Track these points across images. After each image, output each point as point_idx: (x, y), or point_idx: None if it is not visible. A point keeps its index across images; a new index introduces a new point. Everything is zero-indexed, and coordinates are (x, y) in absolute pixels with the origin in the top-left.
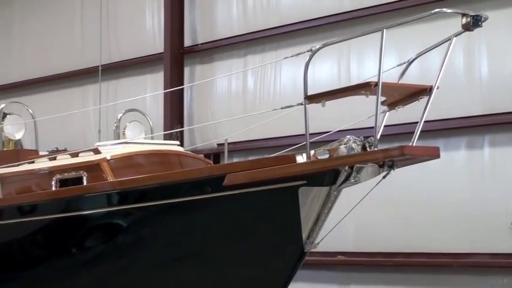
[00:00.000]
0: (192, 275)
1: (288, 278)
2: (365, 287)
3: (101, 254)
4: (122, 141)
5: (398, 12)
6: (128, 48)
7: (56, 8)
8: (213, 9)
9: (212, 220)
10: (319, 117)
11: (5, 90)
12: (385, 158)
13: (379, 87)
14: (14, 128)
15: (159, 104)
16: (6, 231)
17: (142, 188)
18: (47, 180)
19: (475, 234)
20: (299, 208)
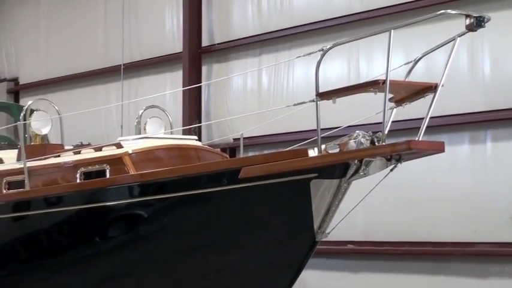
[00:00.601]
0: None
1: (301, 266)
2: (373, 274)
3: (122, 243)
4: (142, 136)
5: (405, 13)
6: (149, 48)
7: (81, 10)
8: (229, 11)
9: (228, 211)
10: (330, 113)
11: (33, 88)
12: (392, 152)
13: (387, 85)
14: (40, 123)
15: (178, 101)
16: (33, 222)
17: (162, 181)
18: (71, 173)
19: (477, 224)
20: (311, 199)
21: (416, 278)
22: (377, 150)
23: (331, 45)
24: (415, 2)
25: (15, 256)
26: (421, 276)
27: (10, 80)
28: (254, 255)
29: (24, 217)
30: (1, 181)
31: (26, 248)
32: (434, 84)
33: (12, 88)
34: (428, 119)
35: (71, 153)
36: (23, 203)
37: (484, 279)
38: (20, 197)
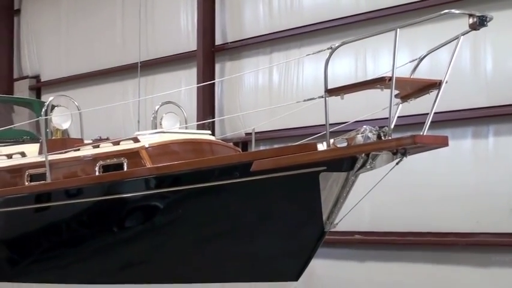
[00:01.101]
0: (222, 252)
1: (310, 255)
2: (380, 263)
3: (139, 233)
4: (158, 131)
5: (410, 13)
6: (164, 46)
7: (99, 10)
8: (241, 11)
9: (240, 202)
10: (338, 109)
11: (54, 85)
12: (398, 146)
13: (393, 81)
14: (61, 118)
15: (192, 97)
16: (54, 212)
17: (177, 173)
18: (91, 166)
19: (480, 215)
20: (320, 192)
21: (420, 266)
22: (383, 145)
23: (339, 44)
24: (420, 2)
25: (37, 245)
26: (424, 265)
27: (32, 77)
28: (266, 245)
29: (46, 208)
30: (24, 174)
31: (48, 238)
32: (438, 81)
33: (34, 85)
34: (433, 114)
35: (90, 147)
36: (44, 194)
37: (485, 268)
38: (42, 188)
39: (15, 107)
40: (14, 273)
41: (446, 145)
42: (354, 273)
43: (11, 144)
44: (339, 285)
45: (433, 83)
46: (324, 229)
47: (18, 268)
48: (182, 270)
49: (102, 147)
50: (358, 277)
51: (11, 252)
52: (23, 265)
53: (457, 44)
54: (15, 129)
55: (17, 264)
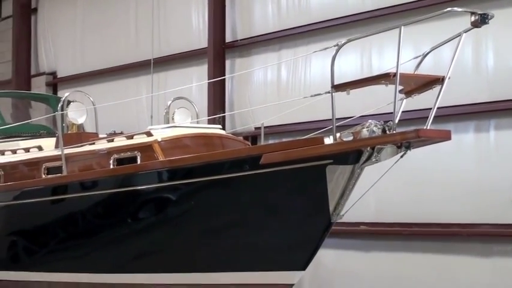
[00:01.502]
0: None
1: (317, 245)
2: (384, 253)
3: (152, 224)
4: (171, 125)
5: (414, 11)
6: (176, 43)
7: (114, 8)
8: (250, 9)
9: (250, 194)
10: (344, 104)
11: (70, 81)
12: (402, 139)
13: (397, 77)
14: (77, 113)
15: (203, 92)
16: (70, 204)
17: (189, 166)
18: (105, 160)
19: (481, 206)
20: (326, 184)
21: (423, 256)
22: (388, 138)
23: (345, 41)
24: (423, 0)
25: (54, 235)
26: (428, 255)
27: (49, 74)
28: (274, 236)
29: (62, 200)
30: (41, 167)
31: (64, 228)
32: (441, 76)
33: (50, 81)
34: (436, 109)
35: (105, 141)
36: (60, 187)
37: (486, 258)
38: (58, 181)
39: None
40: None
41: (449, 139)
42: (360, 263)
43: (29, 138)
44: (345, 275)
45: (436, 79)
46: (331, 220)
47: (35, 258)
48: (193, 259)
49: (116, 141)
50: (363, 267)
51: (28, 243)
52: (40, 255)
53: (459, 41)
54: (32, 124)
55: (34, 254)
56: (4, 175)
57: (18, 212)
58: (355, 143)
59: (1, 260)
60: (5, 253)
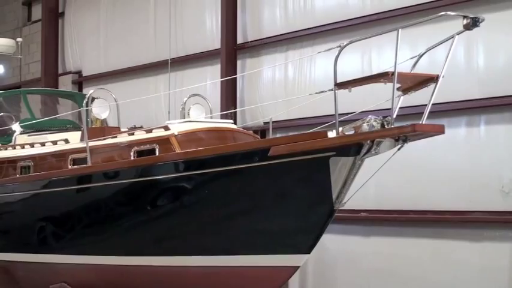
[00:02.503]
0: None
1: (321, 231)
2: (383, 238)
3: (169, 211)
4: (187, 120)
5: (410, 15)
6: (192, 45)
7: (134, 12)
8: (260, 13)
9: (259, 184)
10: (346, 100)
11: (94, 79)
12: (399, 133)
13: (395, 76)
14: (100, 109)
15: (217, 90)
16: (94, 193)
17: (203, 158)
18: (126, 152)
19: (473, 195)
20: (330, 174)
21: (419, 241)
22: (386, 132)
23: (347, 42)
24: (420, 5)
25: (79, 221)
26: (423, 240)
27: (75, 73)
28: (281, 222)
29: (87, 189)
30: (67, 158)
31: (88, 215)
32: (435, 75)
33: (76, 79)
34: (431, 105)
35: (126, 135)
36: (85, 176)
37: (477, 243)
38: (83, 171)
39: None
40: (59, 247)
41: (443, 133)
42: (360, 246)
43: (56, 132)
44: (347, 258)
45: (431, 77)
46: (334, 207)
47: (62, 242)
48: (207, 243)
49: (136, 134)
50: (364, 250)
51: (55, 228)
52: (66, 239)
53: (452, 43)
54: (59, 119)
55: (61, 239)
56: (34, 166)
57: (47, 200)
58: (356, 136)
59: (30, 244)
60: (34, 238)
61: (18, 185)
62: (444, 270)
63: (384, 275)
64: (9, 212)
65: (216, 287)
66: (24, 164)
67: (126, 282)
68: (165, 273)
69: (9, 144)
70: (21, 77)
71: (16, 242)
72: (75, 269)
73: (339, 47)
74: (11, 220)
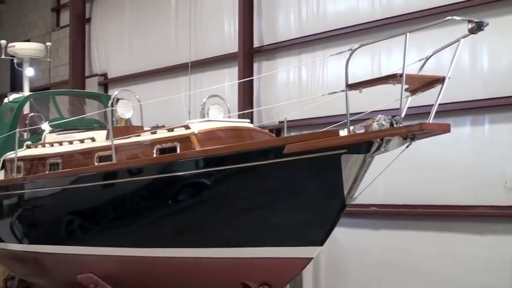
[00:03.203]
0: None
1: (333, 224)
2: (392, 231)
3: (189, 205)
4: (206, 120)
5: (418, 19)
6: (211, 48)
7: (156, 18)
8: (275, 19)
9: (274, 180)
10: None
11: (118, 81)
12: (407, 132)
13: (403, 77)
14: (124, 109)
15: (234, 91)
16: (119, 188)
17: (222, 155)
18: (149, 149)
19: (477, 190)
20: (341, 170)
21: (426, 234)
22: (395, 131)
23: (358, 46)
24: (427, 10)
25: (105, 215)
26: (430, 233)
27: (100, 75)
28: (296, 215)
29: (112, 184)
30: (93, 155)
31: (113, 209)
32: (442, 77)
33: (102, 81)
34: (437, 105)
35: (149, 133)
36: (111, 173)
37: (482, 236)
38: (109, 168)
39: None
40: (86, 239)
41: (449, 131)
42: (370, 239)
43: (83, 130)
44: (357, 250)
45: (437, 79)
46: (345, 202)
47: (89, 234)
48: (225, 236)
49: (158, 133)
50: (373, 243)
51: (83, 221)
52: (93, 232)
53: (458, 46)
54: (86, 118)
55: (88, 231)
56: (62, 162)
57: (74, 195)
58: (367, 135)
59: (59, 236)
60: (63, 230)
61: (47, 180)
62: (450, 262)
63: (393, 267)
64: (39, 206)
65: (235, 277)
66: (53, 161)
67: (149, 272)
68: (186, 264)
69: (39, 142)
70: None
71: (46, 235)
72: (101, 260)
73: (350, 50)
74: (41, 214)
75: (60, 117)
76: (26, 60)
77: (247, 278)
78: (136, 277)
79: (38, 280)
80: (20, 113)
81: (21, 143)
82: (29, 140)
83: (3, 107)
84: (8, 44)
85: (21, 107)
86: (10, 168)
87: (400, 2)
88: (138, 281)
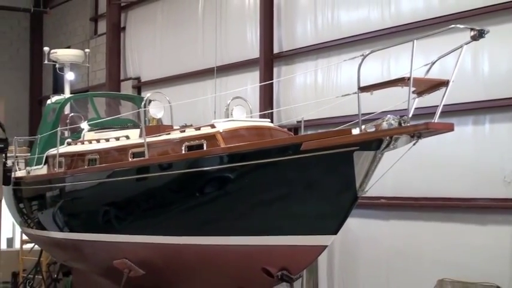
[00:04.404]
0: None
1: (346, 215)
2: (400, 221)
3: (215, 197)
4: (230, 119)
5: (424, 28)
6: (234, 54)
7: (185, 27)
8: (293, 27)
9: (292, 174)
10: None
11: (151, 84)
12: (414, 131)
13: (411, 80)
14: (156, 110)
15: (256, 93)
16: (151, 181)
17: (244, 152)
18: (178, 146)
19: (478, 184)
20: (354, 166)
21: (431, 224)
22: (403, 130)
23: (369, 52)
24: (432, 19)
25: (138, 206)
26: (434, 223)
27: (134, 79)
28: (313, 207)
29: (144, 178)
30: (128, 152)
31: (145, 200)
32: (446, 80)
33: (136, 84)
34: (442, 106)
35: (178, 132)
36: (143, 168)
37: (482, 226)
38: (142, 163)
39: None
40: (121, 228)
41: (452, 130)
42: (380, 228)
43: (119, 129)
44: (368, 238)
45: (442, 82)
46: (357, 195)
47: (123, 224)
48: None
49: (187, 131)
50: (383, 232)
51: (118, 212)
52: (127, 221)
53: (461, 52)
54: (121, 118)
55: (123, 221)
56: (99, 158)
57: (110, 188)
58: (377, 133)
59: (97, 225)
60: (100, 220)
61: (86, 175)
62: (452, 249)
63: (400, 253)
64: (79, 198)
65: (256, 263)
66: (91, 157)
67: (178, 258)
68: (211, 251)
69: (78, 140)
70: (89, 83)
71: (84, 224)
72: (135, 247)
73: (362, 55)
74: (80, 205)
75: (98, 117)
76: (66, 65)
77: (267, 264)
78: (167, 263)
79: (77, 265)
80: (61, 113)
81: (63, 141)
82: (70, 137)
83: (46, 108)
84: (51, 50)
85: (63, 108)
86: (52, 163)
87: (407, 11)
88: (168, 266)
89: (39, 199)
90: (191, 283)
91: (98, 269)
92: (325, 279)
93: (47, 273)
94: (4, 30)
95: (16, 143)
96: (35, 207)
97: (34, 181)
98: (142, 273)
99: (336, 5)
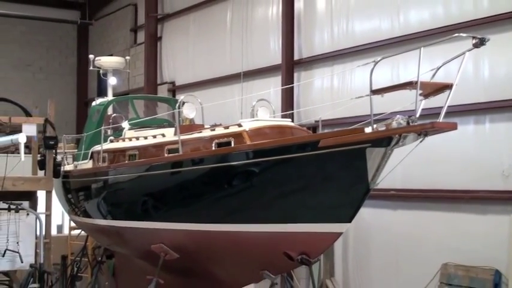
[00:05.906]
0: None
1: (359, 205)
2: (407, 211)
3: (241, 189)
4: (255, 119)
5: (430, 36)
6: (259, 61)
7: (215, 35)
8: (312, 36)
9: (311, 168)
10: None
11: (184, 88)
12: (421, 129)
13: (418, 84)
14: (189, 111)
15: (278, 96)
16: (184, 175)
17: (268, 148)
18: (209, 143)
19: (479, 177)
20: (366, 161)
21: (436, 214)
22: (411, 128)
23: (380, 58)
24: (437, 28)
25: (173, 197)
26: (439, 213)
27: (169, 83)
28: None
29: (179, 172)
30: (164, 148)
31: (180, 192)
32: (450, 84)
33: (171, 88)
34: (446, 107)
35: (209, 130)
36: (178, 162)
37: (482, 215)
38: (176, 159)
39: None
40: (158, 216)
41: (456, 129)
42: (390, 217)
43: (155, 128)
44: (379, 226)
45: (446, 85)
46: (369, 187)
47: (160, 212)
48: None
49: (216, 130)
50: (392, 220)
51: (155, 202)
52: (164, 210)
53: (463, 58)
54: (158, 118)
55: (159, 210)
56: (138, 154)
57: (148, 180)
58: (387, 131)
59: (136, 214)
60: (139, 209)
61: (127, 168)
62: (455, 237)
63: (408, 240)
64: (120, 189)
65: (279, 248)
66: (131, 153)
67: (208, 243)
68: (238, 237)
69: (120, 137)
70: (129, 86)
71: (125, 212)
72: (170, 233)
73: (374, 62)
74: (122, 195)
75: (137, 117)
76: (109, 71)
77: (288, 249)
78: (198, 247)
79: (119, 249)
80: (105, 114)
81: (106, 138)
82: (112, 135)
83: (91, 109)
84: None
85: (106, 109)
86: (97, 158)
87: (415, 21)
88: (200, 251)
89: (85, 190)
90: (220, 265)
91: (137, 252)
92: (341, 262)
93: (92, 256)
94: (54, 40)
95: (65, 140)
96: (82, 197)
97: (81, 174)
98: (177, 257)
99: (350, 16)
